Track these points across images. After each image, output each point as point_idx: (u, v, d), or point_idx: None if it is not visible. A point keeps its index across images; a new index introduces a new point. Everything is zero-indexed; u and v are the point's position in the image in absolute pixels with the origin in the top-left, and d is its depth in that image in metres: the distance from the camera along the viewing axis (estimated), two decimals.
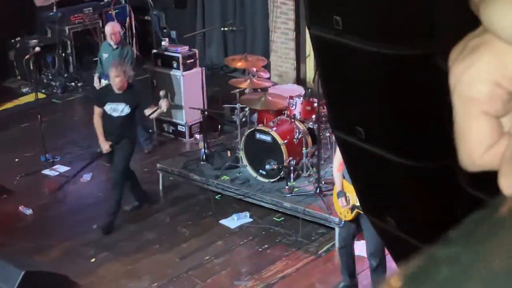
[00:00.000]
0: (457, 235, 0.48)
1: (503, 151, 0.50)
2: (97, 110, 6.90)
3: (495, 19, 0.48)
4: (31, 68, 10.78)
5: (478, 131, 0.50)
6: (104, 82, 8.47)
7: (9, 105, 10.38)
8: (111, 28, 8.58)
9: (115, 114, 6.77)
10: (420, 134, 1.91)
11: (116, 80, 6.68)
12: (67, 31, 11.27)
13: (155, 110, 7.35)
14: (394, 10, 1.81)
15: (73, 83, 11.16)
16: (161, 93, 7.28)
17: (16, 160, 8.19)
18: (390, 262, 5.47)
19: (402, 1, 1.80)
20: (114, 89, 6.74)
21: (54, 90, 10.98)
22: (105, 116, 6.81)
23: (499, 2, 0.48)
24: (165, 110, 7.28)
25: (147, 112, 7.27)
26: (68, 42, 11.31)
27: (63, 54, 11.28)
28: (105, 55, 8.60)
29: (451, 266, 0.45)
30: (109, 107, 6.78)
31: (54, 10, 11.16)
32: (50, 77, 11.13)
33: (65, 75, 11.20)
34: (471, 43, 0.50)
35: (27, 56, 10.79)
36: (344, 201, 5.45)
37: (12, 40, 11.42)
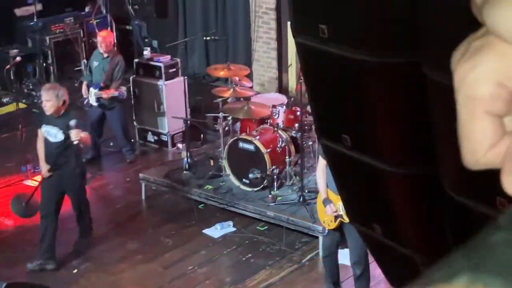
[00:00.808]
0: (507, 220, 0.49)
1: (505, 149, 0.51)
2: (39, 132, 6.54)
3: (498, 21, 0.49)
4: (12, 78, 10.70)
5: (482, 130, 0.51)
6: (92, 90, 8.44)
7: None
8: (102, 37, 8.56)
9: (50, 139, 6.37)
10: (406, 141, 1.93)
11: (47, 104, 6.29)
12: (47, 41, 11.21)
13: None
14: (378, 19, 1.83)
15: None
16: (71, 122, 6.25)
17: (8, 165, 8.13)
18: (374, 270, 5.49)
19: (386, 11, 1.82)
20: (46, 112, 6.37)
21: (35, 100, 10.90)
22: (45, 139, 6.45)
23: (503, 4, 0.49)
24: (75, 140, 6.26)
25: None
26: (49, 52, 11.25)
27: (44, 64, 11.21)
28: (95, 63, 8.58)
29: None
30: (44, 130, 6.40)
31: (35, 20, 11.11)
32: (31, 87, 11.05)
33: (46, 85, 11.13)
34: (474, 44, 0.51)
35: (8, 66, 10.71)
36: (333, 207, 5.45)
37: None
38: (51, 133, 6.35)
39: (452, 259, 0.49)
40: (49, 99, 6.29)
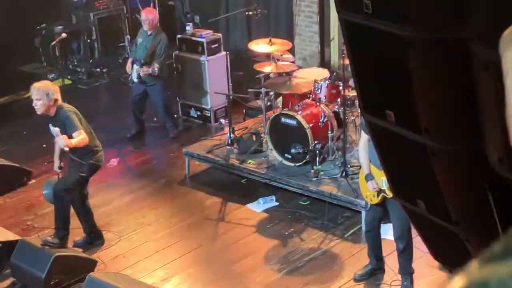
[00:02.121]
0: None
1: None
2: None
3: None
4: (57, 54, 10.87)
5: None
6: (135, 67, 8.53)
7: None
8: (144, 15, 8.63)
9: (54, 136, 6.12)
10: (451, 117, 1.92)
11: (37, 103, 6.02)
12: (91, 17, 11.33)
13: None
14: None
15: (98, 69, 11.24)
16: (53, 132, 6.04)
17: (44, 146, 8.28)
18: (417, 244, 5.48)
19: None
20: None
21: (80, 76, 11.08)
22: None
23: None
24: (62, 146, 6.00)
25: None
26: (93, 28, 11.38)
27: (88, 40, 11.35)
28: (139, 40, 8.67)
29: None
30: (51, 129, 6.13)
31: None
32: (76, 63, 11.22)
33: (90, 61, 11.29)
34: None
35: (53, 43, 10.88)
36: (374, 183, 5.44)
37: (38, 27, 11.51)
38: (53, 131, 6.10)
39: (506, 239, 0.50)
40: (40, 98, 6.01)
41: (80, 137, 6.03)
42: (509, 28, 0.53)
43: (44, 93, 6.01)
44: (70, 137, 6.00)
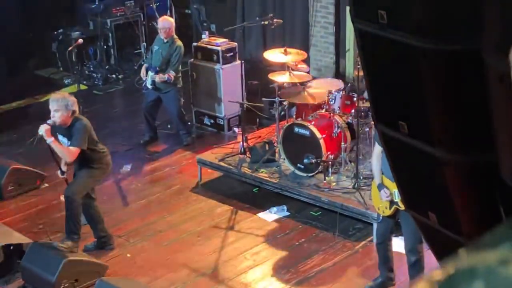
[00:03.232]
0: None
1: None
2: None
3: None
4: (73, 59, 10.95)
5: None
6: (150, 73, 8.57)
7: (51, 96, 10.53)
8: (161, 24, 8.68)
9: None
10: (464, 129, 1.91)
11: (55, 115, 5.99)
12: (108, 24, 11.41)
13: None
14: (440, 5, 1.81)
15: (114, 75, 11.30)
16: (49, 121, 6.00)
17: (53, 156, 8.31)
18: (428, 258, 5.44)
19: None
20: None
21: (96, 82, 11.14)
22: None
23: None
24: (41, 132, 5.96)
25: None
26: (110, 35, 11.46)
27: (105, 46, 11.43)
28: (156, 47, 8.71)
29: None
30: (59, 138, 6.18)
31: (96, 3, 11.32)
32: (92, 68, 11.29)
33: (106, 67, 11.35)
34: None
35: (70, 48, 10.96)
36: (387, 191, 5.41)
37: (55, 32, 11.61)
38: (63, 142, 6.13)
39: (497, 229, 0.50)
40: (58, 109, 5.99)
41: (69, 152, 6.02)
42: None
43: (63, 105, 5.99)
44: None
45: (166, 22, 8.72)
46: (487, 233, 0.50)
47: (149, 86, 8.64)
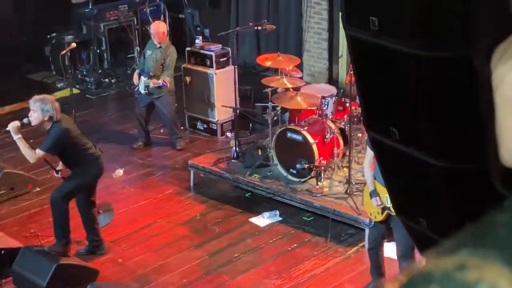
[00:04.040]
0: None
1: None
2: None
3: None
4: (67, 63, 10.92)
5: None
6: (142, 78, 8.56)
7: None
8: (154, 29, 8.67)
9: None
10: (455, 135, 1.92)
11: (32, 115, 5.96)
12: (102, 28, 11.40)
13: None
14: (430, 12, 1.82)
15: (107, 79, 11.29)
16: (24, 120, 6.05)
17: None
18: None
19: (439, 4, 1.81)
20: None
21: (88, 86, 11.13)
22: None
23: None
24: (9, 128, 6.06)
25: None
26: (103, 39, 11.45)
27: (98, 51, 11.42)
28: (148, 52, 8.70)
29: None
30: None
31: (90, 7, 11.31)
32: (85, 73, 11.28)
33: (99, 71, 11.34)
34: None
35: (63, 52, 10.92)
36: (379, 200, 5.43)
37: (48, 36, 11.58)
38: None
39: (458, 235, 0.52)
40: (35, 110, 5.96)
41: (32, 154, 6.02)
42: (500, 45, 0.54)
43: (39, 107, 5.94)
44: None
45: (159, 27, 8.72)
46: (449, 238, 0.51)
47: (142, 91, 8.63)
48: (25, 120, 6.01)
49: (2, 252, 6.23)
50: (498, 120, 0.55)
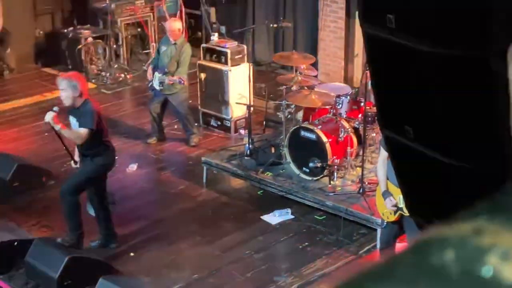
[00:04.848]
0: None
1: None
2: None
3: None
4: (82, 58, 10.98)
5: None
6: (157, 74, 8.57)
7: (59, 93, 10.54)
8: (170, 26, 8.68)
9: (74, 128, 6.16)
10: (470, 135, 1.91)
11: (63, 94, 6.01)
12: (119, 23, 11.44)
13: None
14: (450, 11, 1.81)
15: (122, 74, 11.32)
16: (55, 108, 6.07)
17: (63, 145, 8.33)
18: None
19: (458, 3, 1.80)
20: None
21: (104, 81, 11.16)
22: None
23: None
24: (47, 119, 5.99)
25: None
26: (120, 34, 11.49)
27: (114, 46, 11.45)
28: (163, 48, 8.71)
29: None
30: (70, 119, 6.19)
31: (107, 2, 11.35)
32: (101, 67, 11.32)
33: (115, 66, 11.38)
34: None
35: (79, 46, 11.00)
36: (392, 200, 5.41)
37: (65, 30, 11.64)
38: (73, 123, 6.15)
39: (476, 206, 0.52)
40: (66, 89, 5.99)
41: (78, 134, 6.01)
42: None
43: (68, 85, 5.99)
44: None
45: (174, 25, 8.72)
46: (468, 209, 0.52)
47: (157, 87, 8.64)
48: (55, 109, 6.05)
49: (15, 243, 6.27)
50: None
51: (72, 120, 6.15)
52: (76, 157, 6.40)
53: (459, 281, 0.48)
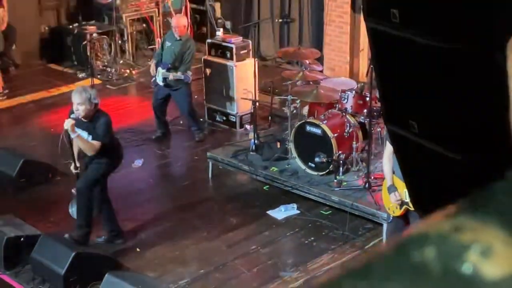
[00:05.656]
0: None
1: None
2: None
3: None
4: (88, 54, 10.99)
5: None
6: (160, 70, 8.57)
7: (65, 89, 10.61)
8: (176, 22, 8.67)
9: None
10: (474, 128, 1.90)
11: (79, 108, 6.01)
12: (124, 19, 11.45)
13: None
14: (453, 5, 1.80)
15: (128, 70, 11.34)
16: (73, 115, 6.10)
17: (71, 150, 8.35)
18: None
19: None
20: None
21: (109, 76, 11.18)
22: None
23: None
24: (66, 127, 6.04)
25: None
26: (125, 29, 11.50)
27: (119, 41, 11.46)
28: (168, 43, 8.70)
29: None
30: (78, 131, 6.10)
31: None
32: (106, 63, 11.33)
33: (121, 61, 11.39)
34: None
35: (84, 42, 11.00)
36: (397, 195, 5.41)
37: (70, 26, 11.66)
38: (83, 136, 6.11)
39: (458, 202, 0.53)
40: (82, 103, 5.99)
41: (92, 146, 6.06)
42: None
43: (86, 98, 6.01)
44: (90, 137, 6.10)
45: (181, 21, 8.72)
46: (450, 206, 0.52)
47: (160, 83, 8.64)
48: (73, 116, 6.06)
49: (21, 239, 6.29)
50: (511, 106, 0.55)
51: (81, 132, 6.11)
52: (78, 163, 6.42)
53: (439, 278, 0.48)
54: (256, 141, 7.88)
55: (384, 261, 0.53)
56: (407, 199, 5.32)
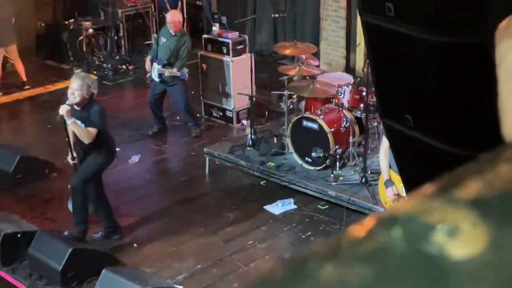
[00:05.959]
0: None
1: None
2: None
3: None
4: (84, 49, 10.98)
5: None
6: (156, 66, 8.55)
7: (61, 85, 10.58)
8: (171, 18, 8.64)
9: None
10: (469, 122, 1.90)
11: (75, 93, 5.90)
12: (119, 14, 11.43)
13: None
14: None
15: (124, 66, 11.32)
16: (68, 101, 6.00)
17: (67, 139, 8.34)
18: None
19: None
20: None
21: (106, 72, 11.17)
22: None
23: None
24: (62, 113, 5.91)
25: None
26: (121, 25, 11.48)
27: (115, 37, 11.45)
28: (163, 39, 8.67)
29: None
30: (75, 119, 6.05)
31: None
32: (102, 59, 11.32)
33: (117, 57, 11.38)
34: None
35: (80, 38, 10.99)
36: (394, 189, 5.41)
37: (66, 22, 11.64)
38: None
39: (429, 185, 0.54)
40: (80, 88, 5.90)
41: (88, 133, 5.99)
42: (504, 21, 0.53)
43: (86, 85, 5.94)
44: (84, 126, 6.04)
45: (176, 16, 8.70)
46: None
47: (156, 78, 8.62)
48: (68, 102, 5.99)
49: (19, 235, 6.29)
50: (500, 97, 0.56)
51: (76, 120, 6.06)
52: (75, 153, 6.40)
53: (405, 259, 0.49)
54: (253, 136, 7.88)
55: (352, 242, 0.54)
56: (404, 194, 5.32)
